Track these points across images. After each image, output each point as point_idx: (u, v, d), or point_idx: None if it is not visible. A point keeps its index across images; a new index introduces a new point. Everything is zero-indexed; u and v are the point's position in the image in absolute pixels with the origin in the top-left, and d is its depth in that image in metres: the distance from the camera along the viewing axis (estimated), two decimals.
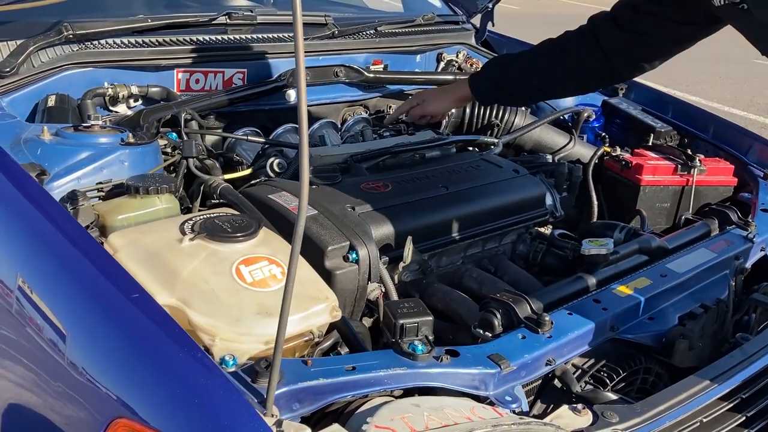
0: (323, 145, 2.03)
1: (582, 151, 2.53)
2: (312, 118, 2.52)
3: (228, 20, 2.44)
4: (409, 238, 1.65)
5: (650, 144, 2.54)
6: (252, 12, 2.51)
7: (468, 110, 2.51)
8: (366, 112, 2.74)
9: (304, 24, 2.63)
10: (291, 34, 2.50)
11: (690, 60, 10.78)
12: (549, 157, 2.28)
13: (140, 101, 2.22)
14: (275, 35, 2.50)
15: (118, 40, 2.19)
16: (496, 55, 3.26)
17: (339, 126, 2.57)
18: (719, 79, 9.68)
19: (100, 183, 1.62)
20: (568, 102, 2.78)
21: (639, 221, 2.22)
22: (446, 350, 1.29)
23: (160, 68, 2.24)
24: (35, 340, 1.27)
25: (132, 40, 2.21)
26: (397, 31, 2.86)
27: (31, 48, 2.01)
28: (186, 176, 1.82)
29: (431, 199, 1.83)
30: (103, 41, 2.16)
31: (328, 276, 1.52)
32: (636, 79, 2.42)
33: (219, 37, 2.36)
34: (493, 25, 3.27)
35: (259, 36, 2.45)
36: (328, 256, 1.54)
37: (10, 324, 1.34)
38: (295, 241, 1.01)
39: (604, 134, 2.65)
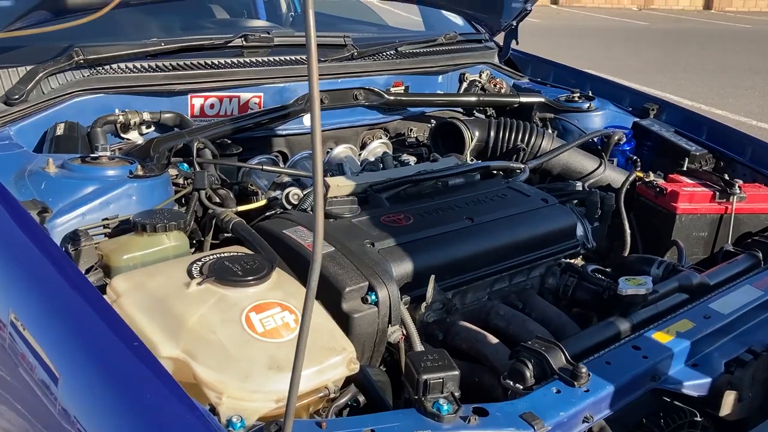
0: (341, 173, 1.94)
1: (613, 176, 2.41)
2: (330, 143, 2.44)
3: (244, 42, 2.37)
4: (432, 277, 1.54)
5: (685, 168, 2.41)
6: (269, 34, 2.43)
7: (492, 133, 2.41)
8: (386, 136, 2.65)
9: (323, 45, 2.55)
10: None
11: (715, 73, 10.64)
12: (579, 185, 2.16)
13: (153, 128, 2.14)
14: (293, 57, 2.42)
15: (130, 65, 2.12)
16: (519, 73, 3.17)
17: (358, 151, 2.48)
18: (746, 92, 9.48)
19: (106, 219, 1.54)
20: (597, 124, 2.67)
21: (676, 252, 2.10)
22: (474, 408, 1.18)
23: (173, 93, 2.17)
24: (27, 381, 1.19)
25: (145, 64, 2.15)
26: (418, 51, 2.77)
27: (41, 74, 1.95)
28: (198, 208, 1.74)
29: (455, 233, 1.72)
30: (115, 66, 2.10)
31: (345, 319, 1.42)
32: (665, 96, 2.30)
33: (234, 59, 2.29)
34: (517, 44, 3.17)
35: (276, 59, 2.37)
36: (345, 298, 1.44)
37: (3, 360, 1.26)
38: (308, 297, 0.91)
39: (635, 158, 2.54)
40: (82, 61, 2.02)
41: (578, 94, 2.77)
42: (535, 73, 3.23)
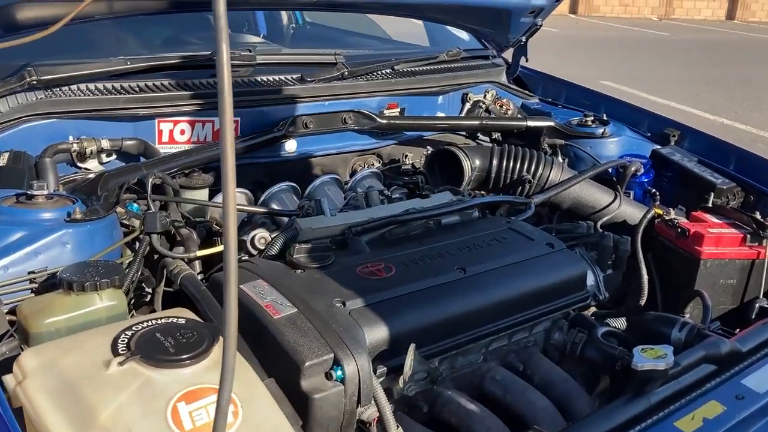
0: (318, 212, 1.71)
1: (629, 211, 2.16)
2: (313, 173, 2.21)
3: None
4: (412, 346, 1.31)
5: (710, 205, 2.16)
6: (251, 51, 2.21)
7: (495, 162, 2.17)
8: (378, 162, 2.42)
9: (311, 64, 2.34)
10: (294, 76, 2.21)
11: (738, 85, 10.29)
12: (590, 225, 1.92)
13: (113, 156, 1.93)
14: (275, 78, 2.20)
15: (91, 86, 1.91)
16: (528, 93, 2.93)
17: (347, 179, 2.26)
18: None
19: (32, 272, 1.32)
20: (612, 152, 2.42)
21: (699, 303, 1.85)
22: None
23: (138, 118, 1.95)
24: None
25: (108, 85, 1.94)
26: (416, 69, 2.54)
27: None
28: (151, 252, 1.52)
29: (444, 287, 1.49)
30: (74, 87, 1.89)
31: (305, 401, 1.19)
32: (685, 110, 2.04)
33: (208, 80, 2.07)
34: (527, 60, 2.93)
35: (257, 79, 2.16)
36: (305, 374, 1.21)
37: None
38: (223, 386, 0.71)
39: (654, 191, 2.28)
40: (35, 82, 1.81)
41: (592, 118, 2.52)
42: (546, 93, 2.99)
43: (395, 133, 2.42)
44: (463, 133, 2.60)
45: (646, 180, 2.31)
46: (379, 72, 2.43)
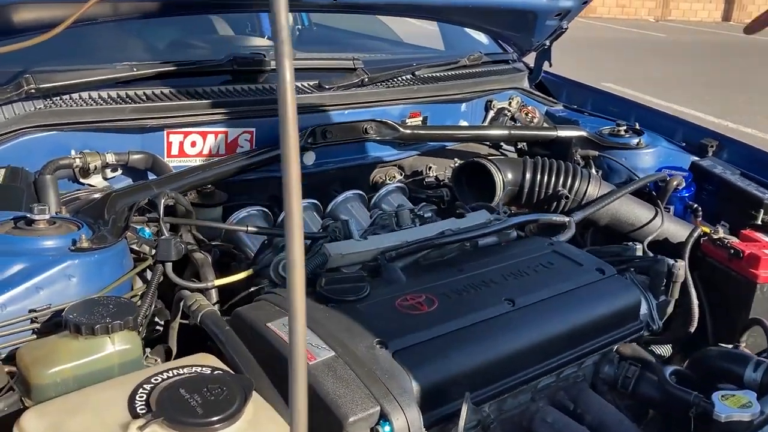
0: (346, 234, 1.56)
1: (672, 229, 2.02)
2: (333, 187, 2.06)
3: (235, 67, 2.00)
4: (467, 396, 1.16)
5: (760, 222, 2.01)
6: (265, 57, 2.06)
7: (528, 175, 2.02)
8: (400, 174, 2.27)
9: (328, 69, 2.18)
10: (311, 83, 2.06)
11: (739, 87, 10.17)
12: (639, 248, 1.77)
13: (119, 171, 1.77)
14: (297, 84, 2.04)
15: (94, 95, 1.75)
16: (553, 99, 2.79)
17: (370, 195, 2.10)
18: None
19: (34, 311, 1.16)
20: (648, 164, 2.27)
21: (754, 332, 1.70)
22: None
23: (145, 129, 1.79)
24: None
25: (112, 93, 1.78)
26: (438, 75, 2.39)
27: None
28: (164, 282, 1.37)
29: (493, 322, 1.34)
30: (75, 96, 1.73)
31: None
32: (689, 113, 1.90)
33: (222, 88, 1.91)
34: (551, 65, 2.79)
35: (271, 86, 2.00)
36: (349, 431, 1.05)
37: None
38: None
39: (695, 206, 2.14)
40: (33, 91, 1.65)
41: (624, 127, 2.37)
42: (571, 99, 2.85)
43: (418, 144, 2.26)
44: (487, 143, 2.45)
45: (687, 194, 2.17)
46: (400, 78, 2.27)
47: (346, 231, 1.58)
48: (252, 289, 1.44)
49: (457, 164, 2.15)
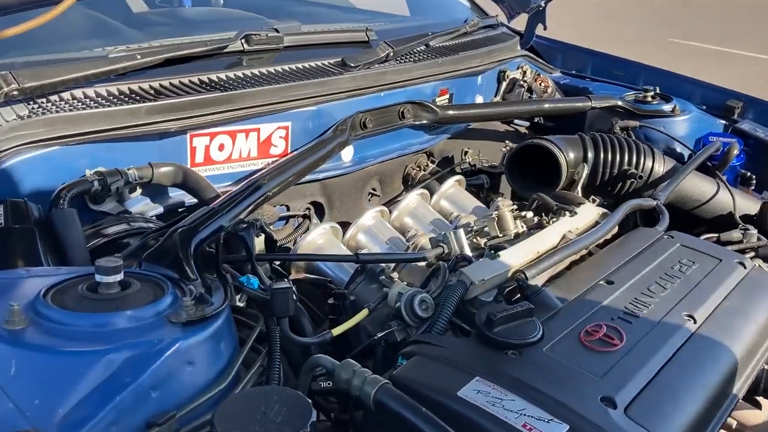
0: (457, 247, 1.26)
1: (738, 202, 1.86)
2: (371, 186, 1.75)
3: (246, 46, 1.62)
4: None
5: None
6: (278, 32, 1.68)
7: (591, 155, 1.79)
8: (432, 163, 1.98)
9: (340, 43, 1.84)
10: (333, 61, 1.71)
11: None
12: (754, 232, 1.59)
13: (138, 191, 1.37)
14: (312, 64, 1.69)
15: (90, 92, 1.33)
16: (550, 66, 2.57)
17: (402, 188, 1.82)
18: None
19: (155, 424, 0.79)
20: (684, 132, 2.10)
21: None
22: None
23: (165, 134, 1.39)
24: None
25: (112, 89, 1.36)
26: (452, 45, 2.10)
27: None
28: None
29: (692, 349, 1.10)
30: (66, 94, 1.30)
31: None
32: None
33: (236, 73, 1.53)
34: (545, 28, 2.56)
35: (291, 68, 1.63)
36: None
37: None
38: None
39: (749, 174, 2.02)
40: (16, 93, 1.21)
41: (652, 93, 2.20)
42: (567, 65, 2.64)
43: (444, 126, 1.97)
44: (501, 120, 2.20)
45: (738, 163, 2.03)
46: (419, 51, 1.96)
47: (458, 244, 1.28)
48: (378, 335, 1.12)
49: (509, 148, 1.89)
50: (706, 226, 1.84)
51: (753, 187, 2.01)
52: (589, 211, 1.47)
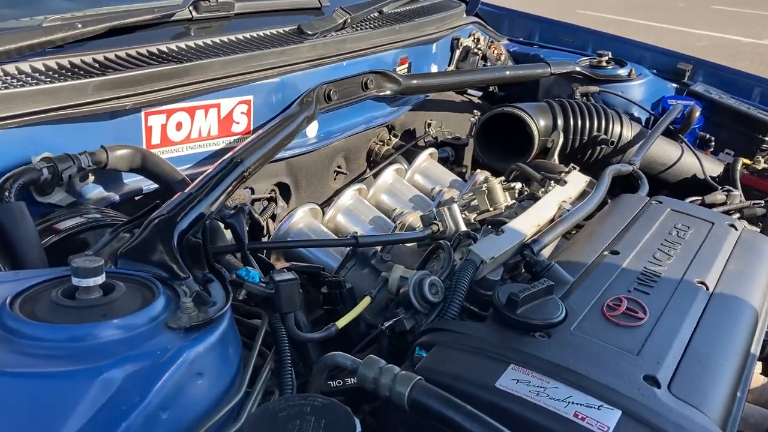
0: (453, 228, 1.17)
1: (698, 164, 1.86)
2: (338, 164, 1.63)
3: (194, 14, 1.46)
4: None
5: None
6: None
7: (560, 122, 1.74)
8: (394, 137, 1.87)
9: (292, 10, 1.71)
10: (290, 29, 1.59)
11: None
12: (737, 195, 1.57)
13: (91, 179, 1.20)
14: (268, 33, 1.55)
15: (24, 66, 1.15)
16: (497, 33, 2.50)
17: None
18: None
19: None
20: (640, 96, 2.08)
21: None
22: None
23: (118, 113, 1.23)
24: None
25: (50, 63, 1.18)
26: (405, 11, 2.00)
27: None
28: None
29: (712, 319, 1.06)
30: (0, 69, 1.12)
31: None
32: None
33: (188, 44, 1.38)
34: None
35: (245, 37, 1.49)
36: None
37: None
38: None
39: (708, 136, 2.02)
40: None
41: (606, 58, 2.17)
42: (513, 32, 2.59)
43: (406, 98, 1.87)
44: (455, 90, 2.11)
45: (697, 126, 2.02)
46: (376, 18, 1.85)
47: (453, 220, 1.19)
48: (387, 324, 1.01)
49: (478, 118, 1.81)
50: (669, 189, 1.83)
51: (711, 149, 2.02)
52: (578, 179, 1.40)
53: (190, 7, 1.46)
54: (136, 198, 1.28)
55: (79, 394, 0.66)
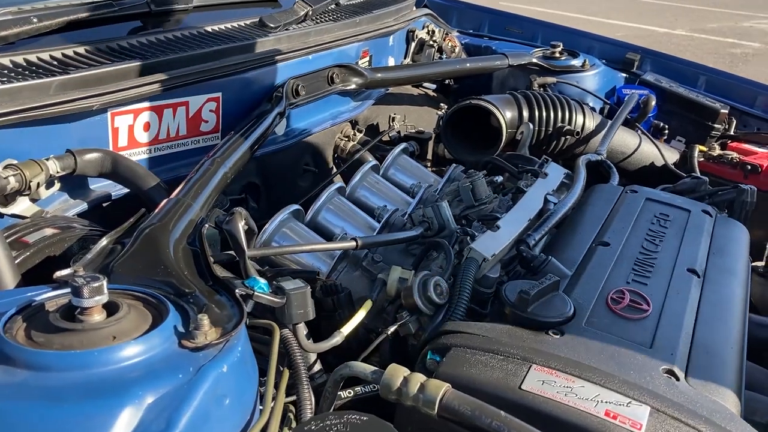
0: (441, 225, 1.14)
1: (656, 152, 1.89)
2: (306, 162, 1.58)
3: (153, 7, 1.38)
4: None
5: (731, 133, 1.99)
6: None
7: (526, 113, 1.74)
8: (359, 132, 1.83)
9: (249, 2, 1.65)
10: (250, 21, 1.53)
11: None
12: (705, 180, 1.60)
13: (56, 186, 1.11)
14: (231, 26, 1.48)
15: None
16: (448, 25, 2.49)
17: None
18: None
19: None
20: (594, 86, 2.11)
21: None
22: None
23: (84, 114, 1.14)
24: None
25: (8, 60, 1.09)
26: (359, 2, 1.95)
27: None
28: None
29: (709, 308, 1.07)
30: None
31: None
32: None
33: (150, 38, 1.30)
34: None
35: (208, 30, 1.42)
36: None
37: None
38: None
39: (662, 124, 2.06)
40: None
41: (559, 49, 2.19)
42: (462, 24, 2.58)
43: (367, 92, 1.83)
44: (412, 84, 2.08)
45: (651, 114, 2.06)
46: (331, 11, 1.79)
47: (442, 219, 1.16)
48: (392, 328, 0.98)
49: (445, 111, 1.78)
50: (628, 178, 1.86)
51: (665, 137, 2.06)
52: (556, 171, 1.40)
53: (149, 2, 1.37)
54: (104, 204, 1.19)
55: (102, 429, 0.59)
